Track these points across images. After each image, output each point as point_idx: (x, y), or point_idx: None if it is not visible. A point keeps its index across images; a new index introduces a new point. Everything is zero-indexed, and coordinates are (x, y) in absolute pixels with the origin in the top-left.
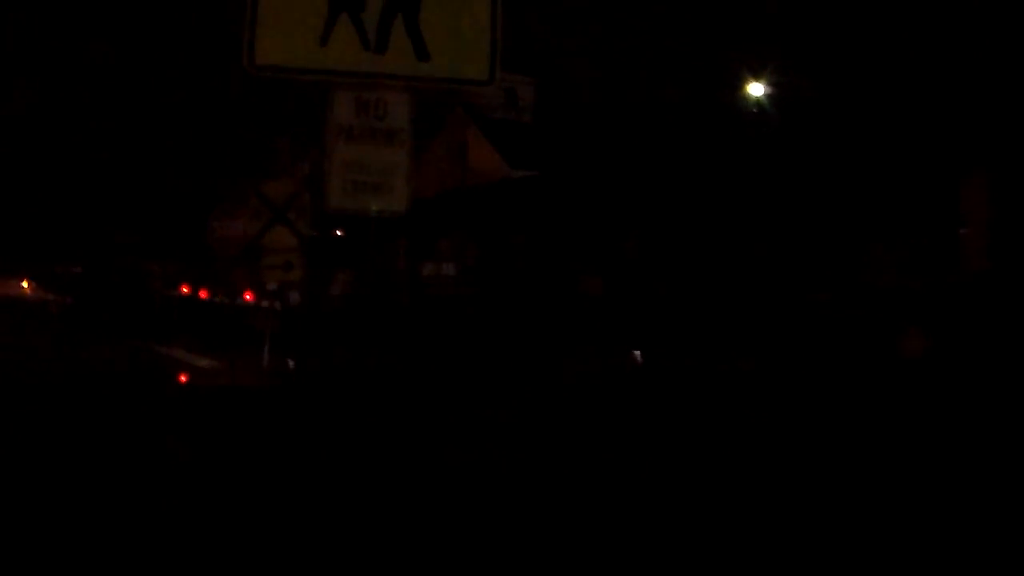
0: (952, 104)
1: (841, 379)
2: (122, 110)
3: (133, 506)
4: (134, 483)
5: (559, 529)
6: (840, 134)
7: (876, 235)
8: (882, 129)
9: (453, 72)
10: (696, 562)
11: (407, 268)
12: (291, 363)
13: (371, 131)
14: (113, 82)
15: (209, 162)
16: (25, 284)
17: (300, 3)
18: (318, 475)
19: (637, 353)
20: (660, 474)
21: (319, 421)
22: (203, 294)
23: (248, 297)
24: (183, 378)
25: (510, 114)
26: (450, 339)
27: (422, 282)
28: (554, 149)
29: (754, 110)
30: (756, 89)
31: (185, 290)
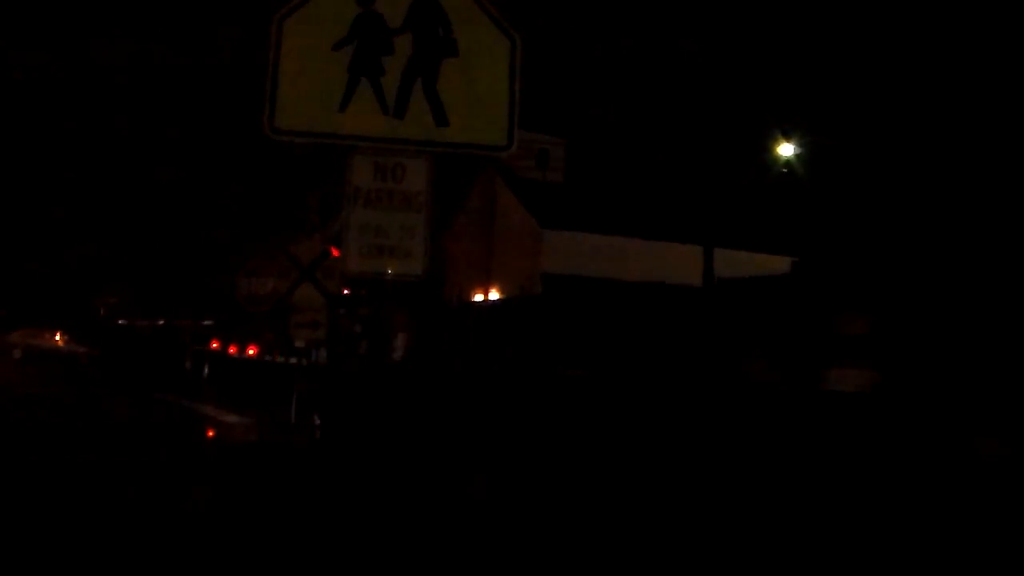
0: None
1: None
2: (157, 165)
3: (158, 557)
4: (159, 535)
5: None
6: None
7: None
8: None
9: (471, 137)
10: None
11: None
12: (317, 420)
13: (389, 195)
14: (148, 136)
15: (241, 219)
16: (58, 337)
17: (320, 68)
18: (339, 531)
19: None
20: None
21: (343, 478)
22: (232, 350)
23: (276, 355)
24: (211, 433)
25: (541, 174)
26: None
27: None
28: (584, 209)
29: (784, 170)
30: (786, 149)
31: (215, 346)
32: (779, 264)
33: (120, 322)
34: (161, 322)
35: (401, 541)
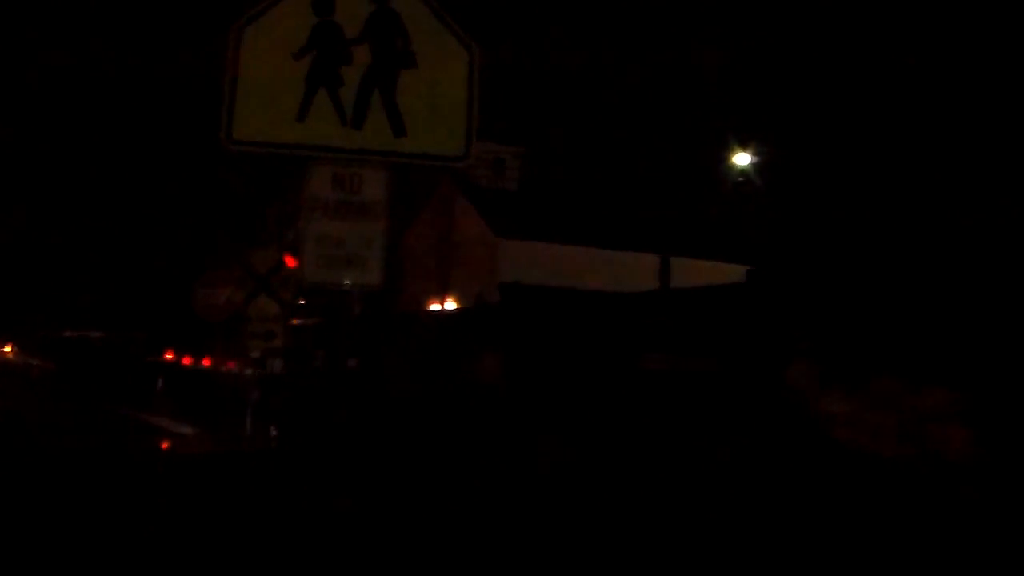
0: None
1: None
2: (112, 175)
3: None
4: (112, 551)
5: None
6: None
7: None
8: None
9: (429, 148)
10: None
11: None
12: (274, 431)
13: (347, 205)
14: (105, 147)
15: (197, 229)
16: (8, 349)
17: (279, 79)
18: (295, 541)
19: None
20: None
21: (299, 488)
22: (186, 361)
23: (231, 365)
24: (165, 445)
25: (497, 183)
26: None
27: None
28: (541, 218)
29: (739, 179)
30: (742, 158)
31: (169, 356)
32: (736, 273)
33: (68, 334)
34: (98, 335)
35: (357, 550)
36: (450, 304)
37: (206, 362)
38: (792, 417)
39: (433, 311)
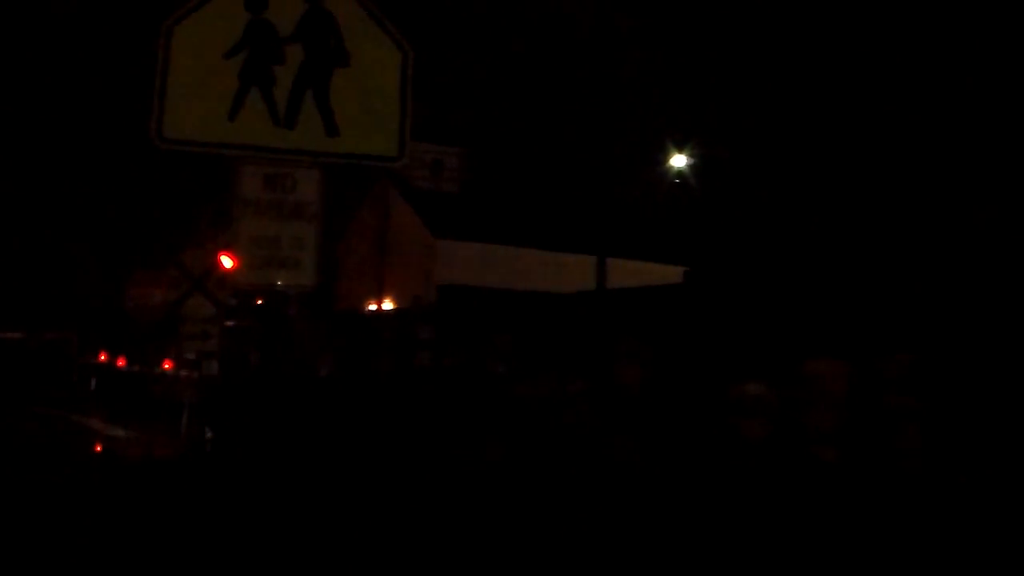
0: None
1: None
2: (43, 172)
3: None
4: (42, 556)
5: None
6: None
7: None
8: None
9: (362, 148)
10: None
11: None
12: (209, 433)
13: (279, 205)
14: (35, 144)
15: (128, 230)
16: None
17: (210, 76)
18: (230, 545)
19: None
20: None
21: (235, 491)
22: (121, 362)
23: (167, 366)
24: (98, 448)
25: (436, 184)
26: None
27: None
28: (479, 219)
29: (676, 181)
30: (679, 160)
31: (103, 358)
32: (672, 274)
33: None
34: (16, 335)
35: (291, 554)
36: (387, 305)
37: (135, 367)
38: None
39: (369, 311)
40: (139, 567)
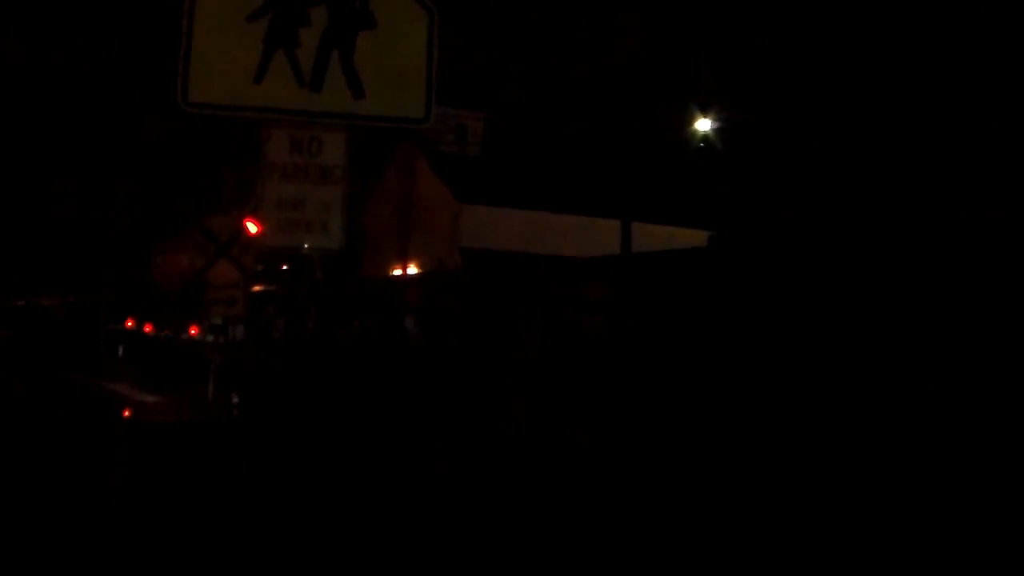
0: None
1: None
2: (68, 139)
3: (73, 542)
4: (75, 518)
5: None
6: None
7: None
8: None
9: (388, 110)
10: None
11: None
12: (235, 398)
13: (306, 169)
14: (63, 109)
15: (155, 195)
16: None
17: (235, 40)
18: (258, 508)
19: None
20: None
21: (261, 455)
22: (147, 328)
23: (193, 332)
24: (127, 413)
25: (460, 148)
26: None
27: None
28: (503, 183)
29: (701, 145)
30: (704, 124)
31: (130, 324)
32: (698, 238)
33: (21, 303)
34: (53, 301)
35: (318, 517)
36: (412, 270)
37: (166, 331)
38: None
39: (394, 276)
40: (164, 530)
